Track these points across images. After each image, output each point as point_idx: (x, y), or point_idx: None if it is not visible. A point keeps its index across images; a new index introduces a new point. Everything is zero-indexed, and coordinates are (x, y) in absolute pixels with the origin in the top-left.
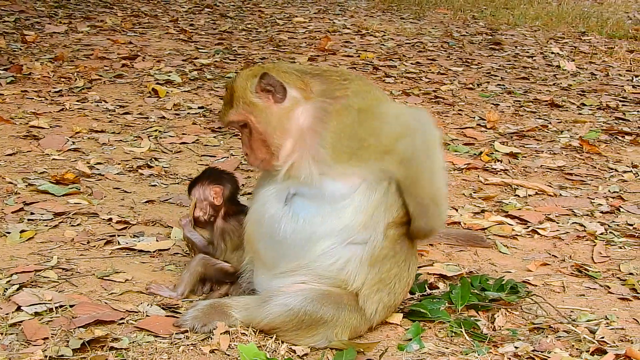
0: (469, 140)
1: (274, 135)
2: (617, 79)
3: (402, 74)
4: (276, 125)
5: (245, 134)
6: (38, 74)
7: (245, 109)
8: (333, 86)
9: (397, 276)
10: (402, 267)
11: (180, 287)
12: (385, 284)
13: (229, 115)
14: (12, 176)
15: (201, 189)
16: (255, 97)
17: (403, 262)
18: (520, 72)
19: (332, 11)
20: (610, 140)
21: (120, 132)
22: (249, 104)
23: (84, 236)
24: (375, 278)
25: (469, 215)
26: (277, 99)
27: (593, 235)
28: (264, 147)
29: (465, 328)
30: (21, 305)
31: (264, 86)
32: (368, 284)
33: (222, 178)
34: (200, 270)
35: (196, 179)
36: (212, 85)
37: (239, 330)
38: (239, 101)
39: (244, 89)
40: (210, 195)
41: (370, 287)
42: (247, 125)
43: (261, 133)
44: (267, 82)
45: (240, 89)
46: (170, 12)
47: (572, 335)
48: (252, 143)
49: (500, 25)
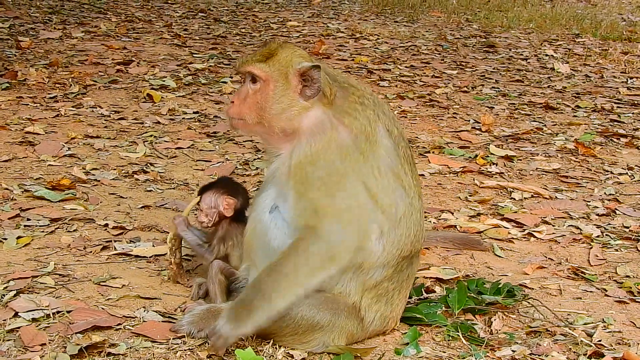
0: (464, 143)
1: (275, 115)
2: (612, 81)
3: (396, 78)
4: (284, 109)
5: (249, 88)
6: (33, 80)
7: (273, 74)
8: (347, 107)
9: (397, 289)
10: (404, 281)
11: (218, 300)
12: (383, 295)
13: (255, 66)
14: (8, 182)
15: (214, 197)
16: (291, 75)
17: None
18: (514, 75)
19: (326, 15)
20: (605, 142)
21: (116, 138)
22: (281, 74)
23: (81, 242)
24: (372, 292)
25: (464, 218)
26: (304, 94)
27: (589, 238)
28: (255, 112)
29: (462, 332)
30: (18, 312)
31: (306, 76)
32: (365, 297)
33: (237, 191)
34: (223, 279)
35: (211, 184)
36: (207, 90)
37: None
38: (275, 65)
39: (288, 60)
40: (222, 205)
41: (369, 299)
42: (259, 85)
43: (266, 102)
44: (312, 75)
45: (284, 57)
46: (164, 17)
47: (569, 338)
48: (249, 99)
49: (494, 27)
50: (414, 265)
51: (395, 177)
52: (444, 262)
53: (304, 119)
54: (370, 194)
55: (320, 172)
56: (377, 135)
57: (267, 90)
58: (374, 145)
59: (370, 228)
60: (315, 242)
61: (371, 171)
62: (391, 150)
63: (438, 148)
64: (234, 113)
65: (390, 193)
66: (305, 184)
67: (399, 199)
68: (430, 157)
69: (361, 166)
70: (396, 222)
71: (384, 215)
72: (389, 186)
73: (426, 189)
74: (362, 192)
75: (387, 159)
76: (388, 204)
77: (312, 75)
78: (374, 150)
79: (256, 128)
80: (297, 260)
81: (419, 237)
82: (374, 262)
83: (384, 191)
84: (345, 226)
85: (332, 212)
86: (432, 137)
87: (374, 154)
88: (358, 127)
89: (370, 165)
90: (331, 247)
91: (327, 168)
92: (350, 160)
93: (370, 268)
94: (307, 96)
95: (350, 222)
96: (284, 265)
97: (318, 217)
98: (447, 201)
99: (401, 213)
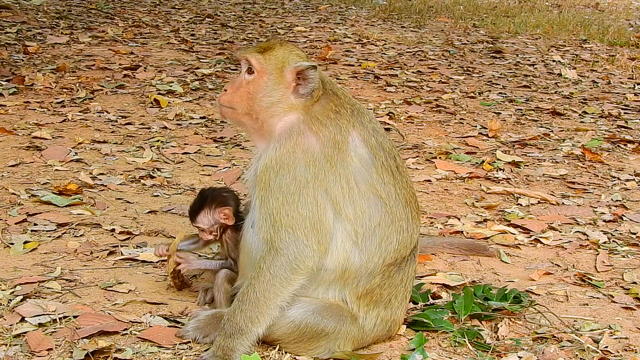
0: (471, 149)
1: (263, 108)
2: (619, 86)
3: (403, 83)
4: (273, 103)
5: (244, 78)
6: (40, 84)
7: (268, 67)
8: (320, 114)
9: (392, 294)
10: (398, 285)
11: (223, 307)
12: (380, 301)
13: (253, 56)
14: (15, 187)
15: (209, 215)
16: (287, 71)
17: (399, 282)
18: (521, 81)
19: (333, 20)
20: (612, 148)
21: (123, 143)
22: (276, 68)
23: (87, 247)
24: (366, 299)
25: (471, 224)
26: (297, 92)
27: (596, 244)
28: (246, 101)
29: (469, 338)
30: (25, 317)
31: (302, 75)
32: (362, 304)
33: (225, 198)
34: (227, 287)
35: (199, 205)
36: (214, 95)
37: None
38: (272, 59)
39: (285, 57)
40: (221, 218)
41: (365, 306)
42: (253, 76)
43: (257, 93)
44: (308, 75)
45: (281, 53)
46: (172, 22)
47: (576, 344)
48: (241, 89)
49: (501, 33)
50: (407, 270)
51: (368, 187)
52: (450, 268)
53: (280, 121)
54: (333, 202)
55: (281, 179)
56: (348, 144)
57: (260, 82)
58: (343, 154)
59: (335, 236)
60: (276, 257)
61: (337, 179)
62: (366, 160)
63: (445, 154)
64: (225, 101)
65: (359, 202)
66: (267, 192)
67: (372, 209)
68: (437, 162)
69: (326, 174)
70: (370, 231)
71: (352, 225)
72: (358, 195)
73: (433, 195)
74: (323, 201)
75: (360, 168)
76: (355, 213)
77: (308, 75)
78: (343, 159)
79: (244, 119)
80: (262, 282)
81: (406, 244)
82: (355, 271)
83: (351, 200)
84: (301, 235)
85: (288, 223)
86: (438, 143)
87: (343, 163)
88: (326, 134)
89: (337, 173)
90: (291, 259)
91: (289, 175)
92: (315, 167)
93: (355, 277)
94: (300, 94)
95: (307, 232)
96: (252, 291)
97: (275, 230)
98: (454, 207)
99: (376, 222)
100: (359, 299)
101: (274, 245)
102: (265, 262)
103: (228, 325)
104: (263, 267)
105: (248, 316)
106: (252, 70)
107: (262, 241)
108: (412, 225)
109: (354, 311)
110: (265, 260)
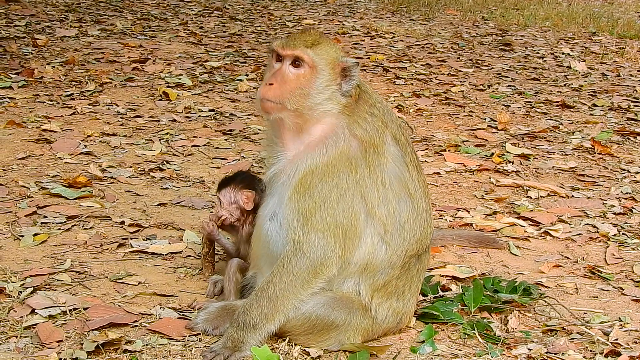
0: (480, 141)
1: (316, 104)
2: (629, 79)
3: (412, 76)
4: (324, 100)
5: (289, 72)
6: (49, 77)
7: (321, 62)
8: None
9: (407, 285)
10: (413, 277)
11: (231, 298)
12: (394, 293)
13: (304, 51)
14: (25, 180)
15: (232, 192)
16: (337, 67)
17: (415, 274)
18: (530, 73)
19: (342, 13)
20: (622, 141)
21: (132, 135)
22: (328, 64)
23: (97, 239)
24: (382, 291)
25: (480, 216)
26: (341, 89)
27: (606, 236)
28: (297, 97)
29: (478, 330)
30: (35, 309)
31: (347, 71)
32: (376, 296)
33: (254, 184)
34: (239, 277)
35: (228, 179)
36: (223, 88)
37: None
38: (322, 54)
39: (333, 52)
40: (241, 199)
41: (379, 298)
42: (304, 71)
43: (312, 89)
44: (352, 72)
45: (330, 48)
46: (180, 15)
47: (586, 337)
48: (289, 84)
49: (510, 26)
50: (423, 262)
51: (401, 186)
52: (460, 261)
53: (322, 123)
54: (368, 206)
55: (323, 185)
56: (384, 145)
57: (312, 78)
58: (380, 157)
59: (364, 233)
60: (301, 259)
61: (374, 183)
62: (398, 157)
63: (454, 146)
64: (272, 96)
65: (392, 202)
66: (304, 194)
67: (402, 206)
68: (446, 155)
69: (365, 179)
70: (400, 226)
71: (382, 223)
72: (392, 196)
73: (442, 187)
74: (359, 206)
75: (394, 168)
76: (388, 212)
77: (351, 72)
78: (380, 161)
79: (288, 115)
80: (283, 281)
81: (426, 235)
82: (378, 264)
83: (385, 201)
84: (330, 241)
85: (320, 227)
86: (448, 135)
87: (380, 166)
88: (368, 139)
89: (374, 177)
90: (316, 264)
91: (332, 182)
92: (356, 174)
93: (377, 270)
94: (344, 91)
95: (337, 239)
96: (272, 288)
97: (305, 232)
98: (463, 199)
99: (405, 218)
100: (375, 290)
101: (301, 247)
102: (289, 263)
103: (242, 318)
104: (287, 267)
105: (264, 312)
106: (299, 65)
107: (289, 240)
108: (430, 215)
109: (365, 303)
110: (290, 261)
